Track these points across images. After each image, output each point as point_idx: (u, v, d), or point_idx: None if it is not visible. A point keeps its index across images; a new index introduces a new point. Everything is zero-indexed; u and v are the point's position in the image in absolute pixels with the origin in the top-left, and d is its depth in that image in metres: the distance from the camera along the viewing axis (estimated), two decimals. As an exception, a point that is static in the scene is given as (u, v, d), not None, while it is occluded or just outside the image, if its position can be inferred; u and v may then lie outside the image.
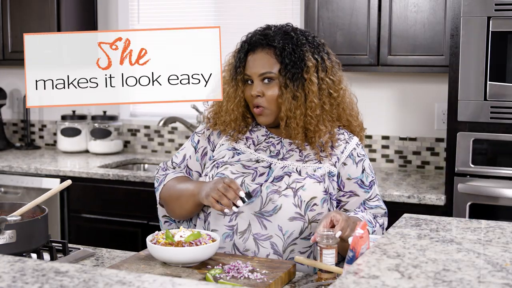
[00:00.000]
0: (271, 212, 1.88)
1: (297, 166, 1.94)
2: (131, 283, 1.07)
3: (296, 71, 1.92)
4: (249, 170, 1.94)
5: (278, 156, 1.98)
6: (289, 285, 1.70)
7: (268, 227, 1.88)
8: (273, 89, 1.94)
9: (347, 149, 1.99)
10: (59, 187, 1.97)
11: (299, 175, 1.92)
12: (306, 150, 1.98)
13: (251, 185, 1.91)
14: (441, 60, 3.11)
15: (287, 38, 1.96)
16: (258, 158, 1.97)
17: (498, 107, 2.77)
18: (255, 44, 1.98)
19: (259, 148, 2.00)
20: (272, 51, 1.95)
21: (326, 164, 1.95)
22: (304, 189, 1.89)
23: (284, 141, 2.00)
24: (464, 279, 1.16)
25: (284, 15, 3.77)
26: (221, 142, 2.05)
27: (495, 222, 1.61)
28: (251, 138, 2.03)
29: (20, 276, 1.10)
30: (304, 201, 1.88)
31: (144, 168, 3.98)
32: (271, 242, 1.87)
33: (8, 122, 4.52)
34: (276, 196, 1.88)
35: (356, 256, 1.54)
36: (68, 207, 3.57)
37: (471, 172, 2.84)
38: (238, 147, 2.01)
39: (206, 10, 3.97)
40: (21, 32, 3.97)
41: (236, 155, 1.99)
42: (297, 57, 1.93)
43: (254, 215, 1.89)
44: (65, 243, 1.93)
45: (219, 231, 1.91)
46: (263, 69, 1.94)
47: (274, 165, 1.95)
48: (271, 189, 1.90)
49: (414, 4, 3.14)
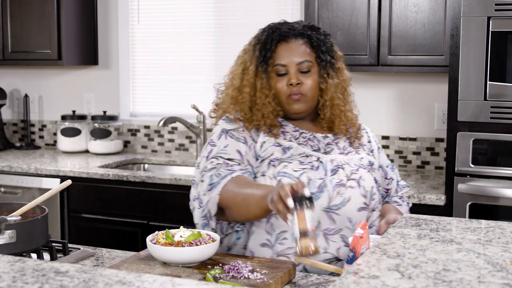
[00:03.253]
0: (340, 205, 1.86)
1: (343, 159, 1.95)
2: (131, 283, 1.07)
3: (331, 60, 1.96)
4: (306, 166, 1.89)
5: (320, 150, 1.96)
6: (289, 285, 1.70)
7: (337, 221, 1.85)
8: (311, 77, 1.93)
9: (371, 138, 2.07)
10: (59, 187, 1.97)
11: (350, 166, 1.92)
12: (340, 143, 1.99)
13: (316, 181, 1.86)
14: (441, 60, 3.11)
15: (314, 29, 1.99)
16: (306, 152, 1.92)
17: (498, 107, 2.77)
18: (286, 34, 1.95)
19: (300, 142, 1.96)
20: (307, 41, 1.95)
21: (363, 154, 1.99)
22: (363, 179, 1.91)
23: (317, 135, 1.99)
24: (464, 279, 1.16)
25: (284, 15, 3.76)
26: (261, 139, 1.95)
27: (495, 222, 1.61)
28: (288, 132, 1.98)
29: (20, 276, 1.10)
30: (368, 191, 1.90)
31: (144, 168, 3.98)
32: (341, 235, 1.85)
33: (8, 122, 4.52)
34: (343, 189, 1.87)
35: (356, 256, 1.54)
36: (68, 207, 3.57)
37: (471, 172, 2.84)
38: (282, 142, 1.94)
39: (206, 10, 3.97)
40: (21, 32, 3.98)
41: (287, 150, 1.91)
42: (329, 47, 1.97)
43: (323, 211, 1.85)
44: (65, 243, 1.93)
45: (288, 231, 1.84)
46: (300, 58, 1.92)
47: (322, 159, 1.92)
48: (335, 182, 1.88)
49: (414, 4, 3.14)
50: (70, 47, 3.99)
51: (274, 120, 1.96)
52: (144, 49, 4.17)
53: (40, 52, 3.97)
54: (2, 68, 4.44)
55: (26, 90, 4.42)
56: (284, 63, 1.93)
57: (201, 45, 4.00)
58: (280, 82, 1.93)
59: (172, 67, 4.10)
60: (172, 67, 4.10)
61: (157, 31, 4.11)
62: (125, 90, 4.22)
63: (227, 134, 1.96)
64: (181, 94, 4.08)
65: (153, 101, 4.19)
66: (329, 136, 1.99)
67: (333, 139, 1.99)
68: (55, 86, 4.37)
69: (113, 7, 4.15)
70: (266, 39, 1.96)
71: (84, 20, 4.10)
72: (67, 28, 3.93)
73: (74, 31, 4.01)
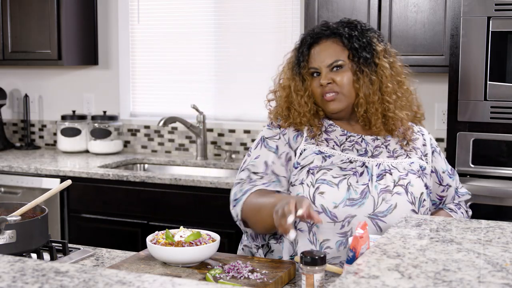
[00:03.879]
0: (386, 212, 1.80)
1: (392, 163, 1.88)
2: (131, 283, 1.07)
3: (367, 55, 1.89)
4: (348, 172, 1.84)
5: (367, 154, 1.90)
6: (289, 285, 1.70)
7: (384, 228, 1.79)
8: (344, 74, 1.89)
9: (427, 141, 1.98)
10: (59, 187, 1.97)
11: (398, 171, 1.86)
12: (391, 145, 1.93)
13: (358, 187, 1.81)
14: (441, 60, 3.11)
15: (351, 26, 1.94)
16: (350, 158, 1.88)
17: (498, 107, 2.77)
18: (318, 35, 1.94)
19: (345, 148, 1.91)
20: (338, 39, 1.91)
21: (415, 158, 1.92)
22: (412, 185, 1.84)
23: (366, 138, 1.94)
24: (464, 279, 1.16)
25: (284, 15, 3.77)
26: (301, 147, 1.92)
27: (495, 222, 1.61)
28: (332, 139, 1.93)
29: (20, 276, 1.10)
30: (416, 197, 1.84)
31: (144, 168, 3.98)
32: None
33: (8, 122, 4.52)
34: (389, 195, 1.81)
35: (356, 256, 1.54)
36: (68, 207, 3.57)
37: (471, 172, 2.84)
38: (323, 150, 1.90)
39: (206, 10, 3.97)
40: (21, 32, 3.98)
41: (327, 158, 1.88)
42: (366, 42, 1.90)
43: (368, 217, 1.79)
44: (65, 243, 1.93)
45: (331, 240, 1.81)
46: (331, 59, 1.89)
47: (368, 163, 1.87)
48: (380, 189, 1.82)
49: (414, 4, 3.14)
50: (70, 47, 3.99)
51: (312, 119, 1.93)
52: (144, 49, 4.17)
53: (40, 52, 3.97)
54: (2, 68, 4.44)
55: (26, 90, 4.42)
56: (315, 66, 1.92)
57: (201, 45, 4.00)
58: (315, 83, 1.92)
59: (172, 67, 4.10)
60: (172, 67, 4.10)
61: (157, 31, 4.11)
62: (125, 90, 4.22)
63: (263, 142, 1.97)
64: (181, 94, 4.08)
65: (153, 101, 4.19)
66: (379, 138, 1.93)
67: (383, 141, 1.93)
68: (55, 86, 4.37)
69: (113, 7, 4.15)
70: (300, 43, 1.97)
71: (84, 20, 4.10)
72: (67, 28, 3.93)
73: (74, 31, 4.01)
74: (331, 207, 1.79)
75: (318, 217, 1.64)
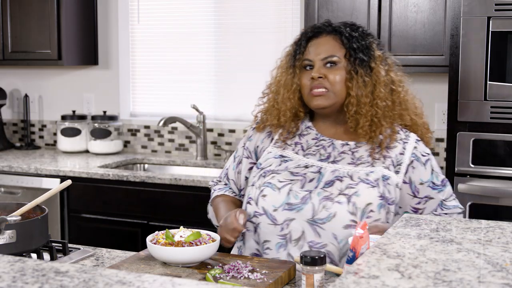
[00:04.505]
0: (325, 220, 1.79)
1: (349, 170, 1.85)
2: (131, 283, 1.07)
3: (364, 58, 1.88)
4: (298, 177, 1.86)
5: (329, 159, 1.90)
6: (289, 285, 1.70)
7: (322, 235, 1.79)
8: (337, 72, 1.88)
9: (408, 150, 1.90)
10: (59, 187, 1.97)
11: (351, 180, 1.83)
12: (359, 152, 1.89)
13: (299, 192, 1.83)
14: (441, 60, 3.11)
15: (353, 27, 1.94)
16: (307, 163, 1.89)
17: (498, 107, 2.77)
18: (319, 30, 1.94)
19: (309, 153, 1.92)
20: (338, 37, 1.91)
21: (379, 167, 1.86)
22: (358, 195, 1.80)
23: (336, 142, 1.93)
24: (464, 279, 1.16)
25: (284, 15, 3.77)
26: (269, 149, 1.98)
27: (495, 222, 1.61)
28: (300, 143, 1.96)
29: (20, 276, 1.10)
30: (359, 208, 1.79)
31: (144, 168, 3.98)
32: (326, 250, 1.78)
33: (8, 122, 4.52)
34: (330, 203, 1.79)
35: (356, 256, 1.54)
36: (68, 207, 3.57)
37: (471, 172, 2.84)
38: (286, 153, 1.94)
39: (206, 10, 3.97)
40: (21, 32, 3.98)
41: (284, 163, 1.91)
42: (364, 45, 1.90)
43: (307, 222, 1.81)
44: (65, 243, 1.93)
45: (271, 241, 1.84)
46: (327, 53, 1.89)
47: (324, 169, 1.87)
48: (323, 196, 1.81)
49: (414, 4, 3.14)
50: (70, 47, 3.99)
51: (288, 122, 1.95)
52: (144, 49, 4.17)
53: (40, 52, 3.97)
54: (2, 68, 4.44)
55: (26, 90, 4.42)
56: (310, 57, 1.91)
57: (201, 45, 4.00)
58: (305, 77, 1.92)
59: (172, 67, 4.10)
60: (172, 67, 4.10)
61: (157, 31, 4.11)
62: (125, 90, 4.22)
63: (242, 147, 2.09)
64: (181, 94, 4.08)
65: (153, 101, 4.19)
66: (349, 144, 1.92)
67: (352, 147, 1.91)
68: (55, 86, 4.37)
69: (113, 7, 4.15)
70: (300, 36, 1.97)
71: (84, 20, 4.10)
72: (67, 28, 3.93)
73: (74, 31, 4.01)
74: (271, 210, 1.84)
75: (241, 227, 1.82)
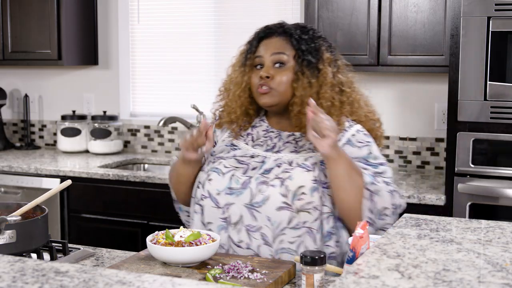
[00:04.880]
0: (260, 203, 1.88)
1: (289, 158, 1.94)
2: (131, 283, 1.07)
3: (312, 60, 1.95)
4: (242, 165, 1.97)
5: (274, 149, 1.99)
6: (289, 285, 1.70)
7: (258, 218, 1.88)
8: (284, 73, 1.95)
9: (345, 136, 1.95)
10: (59, 187, 1.97)
11: (289, 165, 1.91)
12: (302, 141, 1.98)
13: (240, 178, 1.92)
14: (441, 60, 3.11)
15: (304, 30, 2.01)
16: (254, 153, 2.00)
17: (498, 107, 2.77)
18: (271, 31, 2.01)
19: (257, 143, 2.02)
20: (288, 38, 1.98)
21: (319, 153, 1.91)
22: (292, 178, 1.87)
23: (283, 134, 2.02)
24: (464, 279, 1.16)
25: (284, 15, 3.76)
26: (223, 137, 2.08)
27: (495, 222, 1.61)
28: (251, 134, 2.05)
29: (20, 276, 1.10)
30: (290, 191, 1.86)
31: (144, 168, 3.98)
32: (261, 233, 1.88)
33: (8, 122, 4.52)
34: (265, 187, 1.89)
35: (356, 256, 1.54)
36: (68, 207, 3.57)
37: (471, 172, 2.84)
38: (237, 143, 2.04)
39: (206, 10, 3.97)
40: (21, 32, 3.98)
41: (232, 151, 2.02)
42: (314, 47, 1.97)
43: (245, 206, 1.90)
44: (65, 243, 1.93)
45: (214, 223, 1.94)
46: (277, 50, 1.96)
47: (268, 159, 1.96)
48: (260, 181, 1.90)
49: (414, 4, 3.14)
50: (70, 47, 3.99)
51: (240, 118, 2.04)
52: (144, 49, 4.17)
53: (40, 52, 3.97)
54: (2, 68, 4.44)
55: (26, 90, 4.42)
56: (259, 55, 1.99)
57: (201, 45, 4.00)
58: (255, 75, 1.99)
59: (172, 67, 4.10)
60: (172, 67, 4.10)
61: (157, 31, 4.11)
62: (125, 90, 4.22)
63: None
64: (181, 94, 4.08)
65: (153, 101, 4.19)
66: (295, 134, 2.00)
67: (297, 137, 1.99)
68: (55, 86, 4.37)
69: (113, 7, 4.15)
70: (253, 36, 2.05)
71: (84, 20, 4.10)
72: (67, 28, 3.93)
73: (74, 31, 4.01)
74: (215, 194, 1.94)
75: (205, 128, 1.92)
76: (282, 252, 1.86)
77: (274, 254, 1.86)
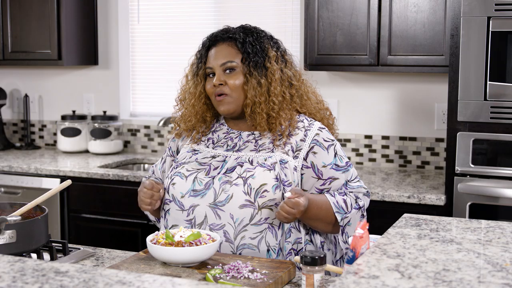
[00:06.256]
0: (224, 202, 1.92)
1: (250, 156, 2.00)
2: (131, 283, 1.07)
3: (258, 60, 2.03)
4: (204, 166, 2.02)
5: (234, 148, 2.05)
6: (289, 285, 1.70)
7: (222, 217, 1.92)
8: (235, 77, 2.02)
9: (309, 136, 2.02)
10: (59, 187, 1.97)
11: (250, 164, 1.97)
12: (262, 140, 2.03)
13: (203, 179, 1.97)
14: (441, 60, 3.11)
15: (248, 32, 2.08)
16: (214, 154, 2.05)
17: (498, 107, 2.77)
18: (216, 38, 2.09)
19: (218, 145, 2.08)
20: (233, 43, 2.05)
21: (278, 153, 1.99)
22: (254, 177, 1.93)
23: (243, 134, 2.07)
24: (464, 279, 1.16)
25: (284, 15, 3.77)
26: (185, 145, 2.13)
27: (495, 222, 1.62)
28: (212, 138, 2.11)
29: (20, 276, 1.10)
30: (253, 189, 1.92)
31: (144, 168, 3.98)
32: (224, 230, 1.91)
33: (8, 122, 4.52)
34: (228, 186, 1.93)
35: (356, 256, 1.54)
36: (68, 207, 3.57)
37: (471, 172, 2.84)
38: (198, 148, 2.09)
39: (206, 10, 3.97)
40: (21, 32, 3.98)
41: (194, 155, 2.07)
42: (259, 48, 2.04)
43: (209, 206, 1.94)
44: (65, 243, 1.94)
45: (179, 225, 1.96)
46: (225, 59, 2.03)
47: (228, 157, 2.02)
48: (223, 180, 1.95)
49: (414, 4, 3.14)
50: (70, 47, 3.99)
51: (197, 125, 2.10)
52: (144, 49, 4.17)
53: (40, 52, 3.97)
54: (2, 68, 4.44)
55: (26, 90, 4.42)
56: (210, 65, 2.06)
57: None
58: (209, 83, 2.06)
59: (172, 67, 4.10)
60: (172, 67, 4.10)
61: (157, 31, 4.11)
62: (125, 90, 4.22)
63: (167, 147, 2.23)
64: (181, 94, 4.08)
65: (153, 101, 4.19)
66: (255, 133, 2.06)
67: (257, 136, 2.05)
68: (55, 86, 4.37)
69: (113, 7, 4.15)
70: (201, 46, 2.13)
71: (84, 20, 4.10)
72: (67, 28, 3.93)
73: (74, 31, 4.01)
74: (179, 197, 1.98)
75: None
76: (243, 248, 1.90)
77: (234, 250, 1.91)
